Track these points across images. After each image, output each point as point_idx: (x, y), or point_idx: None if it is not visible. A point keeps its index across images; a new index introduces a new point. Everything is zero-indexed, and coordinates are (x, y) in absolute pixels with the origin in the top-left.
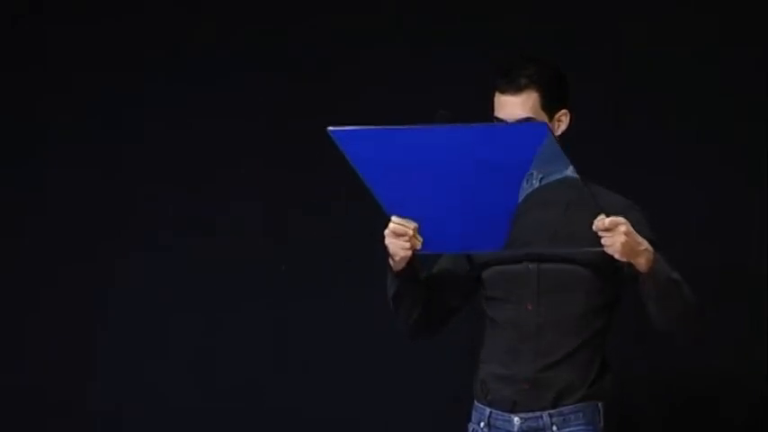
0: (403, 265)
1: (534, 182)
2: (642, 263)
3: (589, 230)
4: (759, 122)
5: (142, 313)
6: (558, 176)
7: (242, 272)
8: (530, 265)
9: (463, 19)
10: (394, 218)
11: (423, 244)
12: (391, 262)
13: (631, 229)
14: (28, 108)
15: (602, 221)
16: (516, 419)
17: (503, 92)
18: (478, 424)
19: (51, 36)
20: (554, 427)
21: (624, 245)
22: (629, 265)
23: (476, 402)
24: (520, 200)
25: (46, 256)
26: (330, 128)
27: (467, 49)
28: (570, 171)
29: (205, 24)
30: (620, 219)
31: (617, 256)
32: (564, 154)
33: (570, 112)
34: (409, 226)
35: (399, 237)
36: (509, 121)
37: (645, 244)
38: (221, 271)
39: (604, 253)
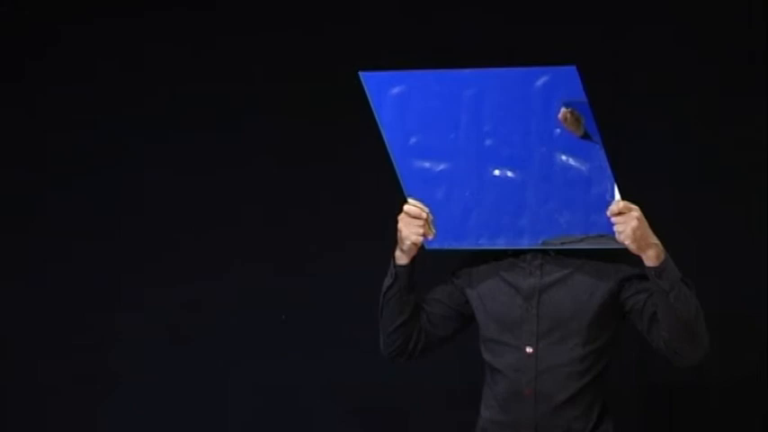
0: (409, 258)
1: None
2: (652, 256)
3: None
4: (759, 123)
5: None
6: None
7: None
8: (528, 307)
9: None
10: (410, 200)
11: (434, 237)
12: (398, 252)
13: (643, 218)
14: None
15: (615, 204)
16: None
17: None
18: None
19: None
20: None
21: (636, 230)
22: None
23: None
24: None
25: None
26: (361, 71)
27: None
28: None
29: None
30: (634, 205)
31: (628, 243)
32: (596, 126)
33: None
34: (425, 209)
35: (414, 219)
36: None
37: (656, 238)
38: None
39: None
